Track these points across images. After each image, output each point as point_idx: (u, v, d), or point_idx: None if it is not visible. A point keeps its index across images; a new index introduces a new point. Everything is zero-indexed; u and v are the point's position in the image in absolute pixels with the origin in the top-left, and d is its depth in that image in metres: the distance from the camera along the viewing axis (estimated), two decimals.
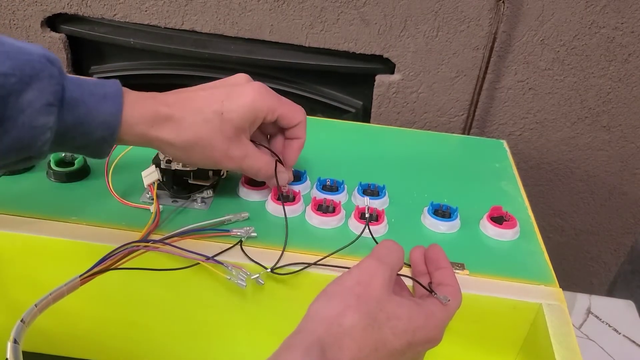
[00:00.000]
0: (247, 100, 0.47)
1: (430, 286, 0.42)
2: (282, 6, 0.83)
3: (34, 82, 0.39)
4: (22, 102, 0.39)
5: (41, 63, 0.40)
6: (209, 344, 0.54)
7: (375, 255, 0.40)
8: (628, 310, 0.76)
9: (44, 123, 0.40)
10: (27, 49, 0.40)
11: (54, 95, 0.40)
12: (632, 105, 0.88)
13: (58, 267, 0.49)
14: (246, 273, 0.46)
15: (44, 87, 0.39)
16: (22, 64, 0.39)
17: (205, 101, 0.46)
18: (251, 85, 0.48)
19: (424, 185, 0.60)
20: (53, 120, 0.40)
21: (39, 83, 0.39)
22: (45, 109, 0.40)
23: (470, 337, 0.50)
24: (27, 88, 0.39)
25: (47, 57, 0.40)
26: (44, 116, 0.40)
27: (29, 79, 0.39)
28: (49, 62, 0.40)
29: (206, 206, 0.54)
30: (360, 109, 0.93)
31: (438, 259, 0.45)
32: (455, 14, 0.82)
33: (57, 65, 0.41)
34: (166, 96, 0.47)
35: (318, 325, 0.35)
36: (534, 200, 0.96)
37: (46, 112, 0.40)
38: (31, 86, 0.39)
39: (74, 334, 0.55)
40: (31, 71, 0.39)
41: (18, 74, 0.38)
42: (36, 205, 0.51)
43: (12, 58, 0.39)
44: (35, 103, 0.39)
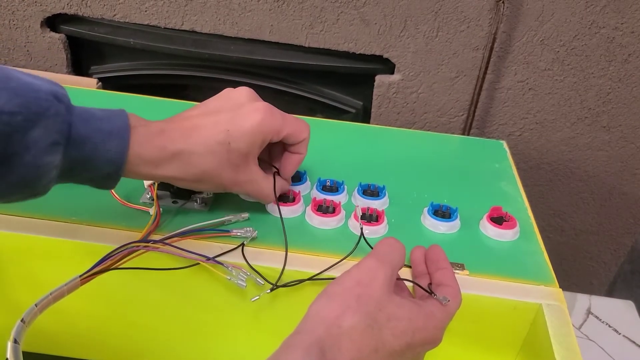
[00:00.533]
0: (254, 125, 0.46)
1: (430, 287, 0.42)
2: (282, 6, 0.83)
3: (41, 120, 0.38)
4: (28, 140, 0.38)
5: (48, 101, 0.39)
6: (209, 344, 0.54)
7: (376, 254, 0.40)
8: (628, 310, 0.76)
9: (50, 162, 0.39)
10: (34, 86, 0.39)
11: (60, 134, 0.39)
12: (632, 106, 0.88)
13: (58, 267, 0.49)
14: (246, 273, 0.46)
15: (50, 125, 0.39)
16: (29, 102, 0.38)
17: (210, 132, 0.45)
18: (255, 108, 0.47)
19: (424, 186, 0.60)
20: (59, 159, 0.40)
21: (46, 121, 0.38)
22: (51, 148, 0.39)
23: (470, 337, 0.50)
24: (33, 126, 0.38)
25: (55, 93, 0.39)
26: (49, 155, 0.39)
27: (35, 117, 0.38)
28: (56, 100, 0.39)
29: (206, 206, 0.54)
30: (360, 109, 0.93)
31: (438, 259, 0.45)
32: (455, 14, 0.82)
33: (65, 101, 0.40)
34: (172, 129, 0.45)
35: (318, 326, 0.35)
36: (533, 201, 0.96)
37: (52, 151, 0.39)
38: (37, 124, 0.38)
39: (74, 334, 0.55)
40: (38, 109, 0.38)
41: (24, 112, 0.38)
42: (36, 205, 0.51)
43: (19, 95, 0.38)
44: (40, 142, 0.38)
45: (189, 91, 0.99)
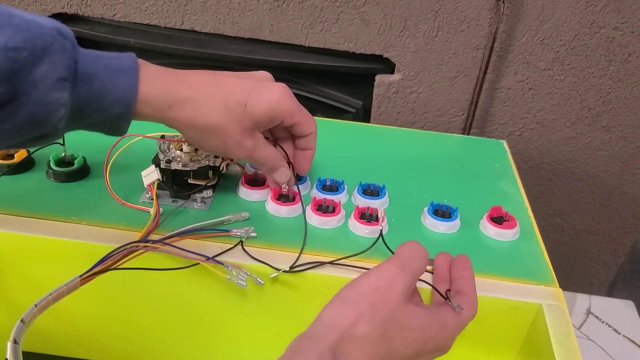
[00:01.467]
0: (273, 98, 0.47)
1: (447, 293, 0.41)
2: (282, 6, 0.83)
3: (46, 55, 0.38)
4: (35, 76, 0.38)
5: (53, 36, 0.38)
6: (209, 344, 0.54)
7: (397, 259, 0.38)
8: (628, 310, 0.76)
9: (58, 99, 0.39)
10: (38, 22, 0.38)
11: (67, 70, 0.39)
12: (632, 105, 0.88)
13: (58, 267, 0.49)
14: (246, 273, 0.46)
15: (56, 61, 0.38)
16: (33, 37, 0.37)
17: (231, 89, 0.46)
18: (277, 85, 0.48)
19: (424, 185, 0.60)
20: (67, 95, 0.39)
21: (51, 57, 0.38)
22: (58, 84, 0.38)
23: (470, 337, 0.50)
24: (39, 62, 0.37)
25: (59, 30, 0.39)
26: (57, 91, 0.39)
27: (41, 53, 0.38)
28: (61, 36, 0.39)
29: (206, 206, 0.54)
30: (360, 109, 0.93)
31: (464, 267, 0.45)
32: (455, 14, 0.82)
33: (70, 38, 0.40)
34: (190, 75, 0.45)
35: (331, 333, 0.35)
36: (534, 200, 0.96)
37: (59, 87, 0.39)
38: (43, 60, 0.38)
39: (74, 334, 0.55)
40: (43, 44, 0.38)
41: (29, 48, 0.37)
42: (36, 205, 0.51)
43: (23, 31, 0.37)
44: (48, 78, 0.38)
45: None
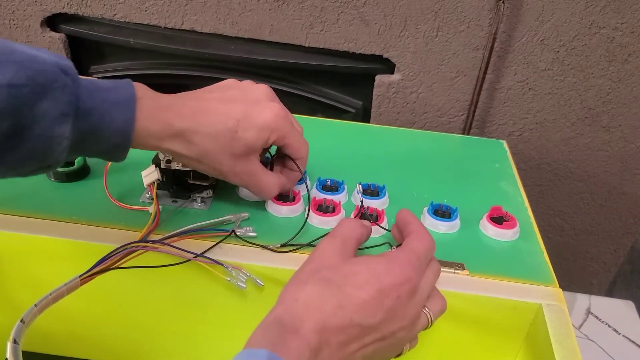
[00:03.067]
0: (265, 122, 0.47)
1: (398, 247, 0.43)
2: (282, 6, 0.83)
3: (48, 92, 0.39)
4: (37, 112, 0.38)
5: (55, 73, 0.39)
6: (209, 344, 0.54)
7: (327, 234, 0.42)
8: (628, 310, 0.76)
9: (61, 133, 0.40)
10: (40, 58, 0.39)
11: (68, 105, 0.40)
12: (632, 106, 0.88)
13: (58, 267, 0.49)
14: (246, 274, 0.46)
15: (57, 97, 0.39)
16: (35, 74, 0.38)
17: (221, 117, 0.46)
18: (270, 107, 0.48)
19: (424, 185, 0.60)
20: (69, 130, 0.40)
21: (53, 93, 0.39)
22: (60, 119, 0.39)
23: (470, 337, 0.50)
24: (41, 98, 0.38)
25: (60, 66, 0.40)
26: (59, 126, 0.39)
27: (42, 89, 0.38)
28: (62, 72, 0.40)
29: (206, 206, 0.54)
30: (360, 109, 0.93)
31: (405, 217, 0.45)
32: (455, 14, 0.82)
33: (71, 73, 0.40)
34: (182, 106, 0.46)
35: (276, 307, 0.36)
36: (533, 201, 0.96)
37: (61, 122, 0.39)
38: (46, 96, 0.39)
39: (73, 334, 0.55)
40: (44, 81, 0.39)
41: (31, 84, 0.38)
42: (36, 205, 0.51)
43: (25, 68, 0.38)
44: (50, 113, 0.39)
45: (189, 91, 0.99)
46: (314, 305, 0.35)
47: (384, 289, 0.36)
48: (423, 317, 0.40)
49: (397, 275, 0.37)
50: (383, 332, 0.36)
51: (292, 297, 0.36)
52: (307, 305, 0.35)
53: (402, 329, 0.37)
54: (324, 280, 0.37)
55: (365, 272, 0.37)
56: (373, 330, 0.36)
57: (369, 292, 0.36)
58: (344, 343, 0.35)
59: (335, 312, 0.35)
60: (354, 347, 0.36)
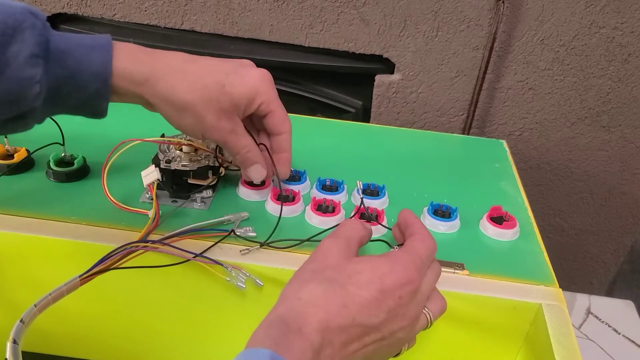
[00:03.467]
0: (252, 81, 0.47)
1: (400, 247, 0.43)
2: (282, 6, 0.83)
3: (17, 34, 0.39)
4: (8, 55, 0.39)
5: (23, 14, 0.40)
6: (209, 344, 0.54)
7: (329, 233, 0.42)
8: (628, 310, 0.76)
9: (31, 75, 0.40)
10: (9, 4, 0.40)
11: (38, 46, 0.40)
12: (631, 105, 0.88)
13: (58, 267, 0.49)
14: (245, 274, 0.46)
15: (27, 38, 0.39)
16: (4, 17, 0.39)
17: (209, 69, 0.46)
18: (259, 70, 0.48)
19: (423, 185, 0.60)
20: (40, 72, 0.40)
21: (22, 34, 0.39)
22: (30, 60, 0.39)
23: (470, 337, 0.50)
24: (11, 40, 0.39)
25: (30, 10, 0.40)
26: (29, 68, 0.39)
27: (12, 32, 0.39)
28: (32, 15, 0.40)
29: (206, 206, 0.54)
30: (360, 109, 0.93)
31: (408, 218, 0.45)
32: (455, 14, 0.82)
33: (41, 18, 0.41)
34: (167, 54, 0.46)
35: (278, 306, 0.36)
36: (533, 200, 0.96)
37: (32, 64, 0.40)
38: (15, 38, 0.39)
39: (73, 334, 0.55)
40: (14, 23, 0.39)
41: (1, 28, 0.39)
42: (36, 205, 0.51)
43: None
44: (19, 55, 0.39)
45: None
46: (318, 304, 0.35)
47: (386, 290, 0.36)
48: (423, 317, 0.40)
49: (399, 276, 0.37)
50: (383, 333, 0.36)
51: (295, 295, 0.36)
52: (311, 304, 0.35)
53: (402, 330, 0.37)
54: (327, 280, 0.36)
55: (368, 272, 0.37)
56: (374, 330, 0.36)
57: (372, 292, 0.36)
58: (346, 343, 0.35)
59: (339, 312, 0.35)
60: (355, 346, 0.35)
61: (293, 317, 0.34)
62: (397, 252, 0.40)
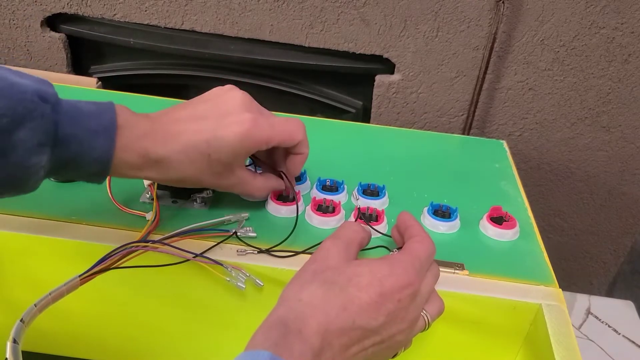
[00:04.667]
0: (235, 139, 0.45)
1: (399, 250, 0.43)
2: (282, 6, 0.83)
3: (26, 121, 0.38)
4: (14, 140, 0.38)
5: (34, 102, 0.39)
6: (209, 344, 0.54)
7: (330, 235, 0.42)
8: (628, 310, 0.76)
9: (37, 162, 0.39)
10: (21, 87, 0.39)
11: (45, 135, 0.39)
12: (632, 106, 0.88)
13: (58, 267, 0.49)
14: (245, 274, 0.46)
15: (36, 127, 0.38)
16: (14, 104, 0.38)
17: (191, 140, 0.45)
18: (240, 120, 0.46)
19: (423, 186, 0.60)
20: (45, 159, 0.40)
21: (31, 123, 0.38)
22: (37, 149, 0.39)
23: (469, 337, 0.50)
24: (19, 127, 0.38)
25: (40, 94, 0.39)
26: (36, 156, 0.39)
27: (21, 119, 0.38)
28: (42, 100, 0.39)
29: (206, 206, 0.54)
30: (360, 109, 0.93)
31: (406, 220, 0.45)
32: (455, 14, 0.82)
33: (51, 101, 0.40)
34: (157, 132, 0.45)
35: (279, 307, 0.36)
36: (533, 201, 0.96)
37: (38, 152, 0.39)
38: (23, 125, 0.38)
39: (73, 333, 0.55)
40: (23, 110, 0.38)
41: (10, 114, 0.38)
42: (36, 205, 0.51)
43: (5, 97, 0.38)
44: (27, 142, 0.38)
45: (189, 91, 0.99)
46: (318, 306, 0.35)
47: (386, 293, 0.36)
48: (421, 320, 0.40)
49: (399, 279, 0.37)
50: (383, 336, 0.37)
51: (295, 297, 0.36)
52: (311, 306, 0.35)
53: (401, 332, 0.38)
54: (327, 282, 0.37)
55: (368, 275, 0.37)
56: (374, 333, 0.36)
57: (371, 295, 0.36)
58: (346, 345, 0.35)
59: (339, 315, 0.35)
60: (354, 349, 0.36)
61: (293, 319, 0.34)
62: (396, 254, 0.40)
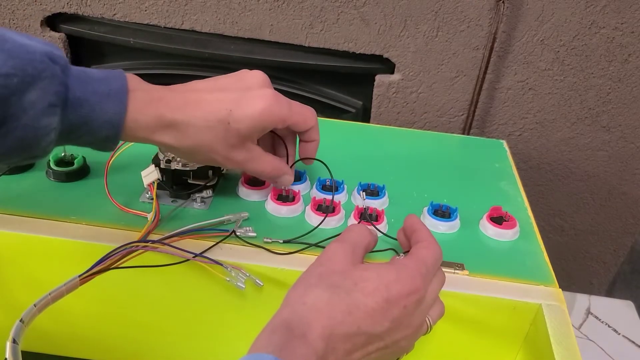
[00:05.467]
0: (256, 111, 0.46)
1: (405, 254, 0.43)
2: (282, 6, 0.83)
3: (36, 82, 0.38)
4: (25, 102, 0.38)
5: (44, 63, 0.39)
6: (208, 344, 0.54)
7: (337, 237, 0.42)
8: (627, 310, 0.76)
9: (48, 124, 0.39)
10: (30, 47, 0.39)
11: (56, 96, 0.39)
12: (631, 106, 0.88)
13: (58, 267, 0.49)
14: (245, 274, 0.46)
15: (46, 87, 0.38)
16: (24, 64, 0.38)
17: (212, 107, 0.45)
18: (263, 94, 0.47)
19: (424, 185, 0.60)
20: (57, 121, 0.40)
21: (41, 83, 0.38)
22: (48, 110, 0.39)
23: (469, 337, 0.50)
24: (29, 88, 0.38)
25: (50, 55, 0.39)
26: (47, 117, 0.39)
27: (31, 79, 0.38)
28: (52, 61, 0.39)
29: (206, 206, 0.54)
30: (360, 109, 0.93)
31: (413, 224, 0.45)
32: (455, 14, 0.82)
33: (61, 62, 0.40)
34: (173, 98, 0.45)
35: (283, 309, 0.36)
36: (533, 201, 0.96)
37: (49, 113, 0.39)
38: (33, 86, 0.38)
39: (73, 333, 0.55)
40: (33, 71, 0.38)
41: (20, 74, 0.37)
42: (36, 205, 0.51)
43: (14, 57, 0.38)
44: (37, 104, 0.38)
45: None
46: (323, 310, 0.35)
47: (392, 299, 0.36)
48: (424, 324, 0.40)
49: (405, 285, 0.37)
50: (387, 341, 0.36)
51: (300, 300, 0.36)
52: (315, 310, 0.35)
53: (405, 338, 0.37)
54: (333, 286, 0.36)
55: (375, 280, 0.37)
56: (378, 339, 0.36)
57: (377, 301, 0.36)
58: (350, 351, 0.35)
59: (344, 319, 0.35)
60: (358, 354, 0.35)
61: (297, 322, 0.34)
62: (403, 260, 0.39)
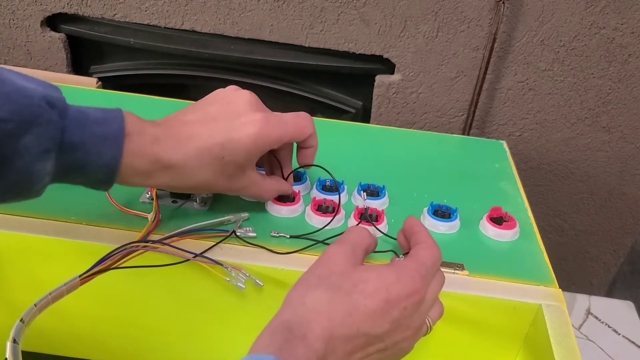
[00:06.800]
0: (250, 139, 0.45)
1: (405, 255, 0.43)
2: (282, 6, 0.83)
3: (33, 127, 0.37)
4: (20, 146, 0.37)
5: (41, 107, 0.38)
6: (209, 344, 0.54)
7: (336, 239, 0.42)
8: (627, 310, 0.76)
9: (42, 169, 0.39)
10: (28, 91, 0.38)
11: (52, 142, 0.38)
12: (631, 106, 0.88)
13: (58, 267, 0.49)
14: (245, 274, 0.46)
15: (42, 132, 0.38)
16: (21, 108, 0.37)
17: (205, 143, 0.44)
18: (252, 120, 0.46)
19: (423, 186, 0.60)
20: (51, 166, 0.39)
21: (37, 128, 0.37)
22: (43, 155, 0.38)
23: (469, 337, 0.50)
24: (25, 133, 0.37)
25: (48, 99, 0.38)
26: (41, 162, 0.38)
27: (28, 124, 0.37)
28: (49, 105, 0.38)
29: (206, 206, 0.54)
30: (360, 109, 0.93)
31: (413, 225, 0.45)
32: (455, 15, 0.82)
33: (59, 106, 0.39)
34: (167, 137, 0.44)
35: (283, 310, 0.36)
36: (533, 201, 0.96)
37: (44, 158, 0.38)
38: (30, 131, 0.37)
39: (73, 333, 0.55)
40: (30, 116, 0.37)
41: (16, 119, 0.37)
42: (36, 205, 0.51)
43: (11, 101, 0.37)
44: (33, 149, 0.38)
45: (189, 91, 0.99)
46: (323, 311, 0.35)
47: (392, 300, 0.36)
48: (424, 325, 0.40)
49: (405, 287, 0.37)
50: (387, 343, 0.36)
51: (300, 301, 0.36)
52: (315, 311, 0.35)
53: (405, 339, 0.38)
54: (333, 287, 0.36)
55: (375, 281, 0.37)
56: (378, 340, 0.36)
57: (377, 302, 0.36)
58: (350, 352, 0.35)
59: (344, 321, 0.35)
60: (358, 356, 0.36)
61: (297, 324, 0.34)
62: (403, 261, 0.40)
